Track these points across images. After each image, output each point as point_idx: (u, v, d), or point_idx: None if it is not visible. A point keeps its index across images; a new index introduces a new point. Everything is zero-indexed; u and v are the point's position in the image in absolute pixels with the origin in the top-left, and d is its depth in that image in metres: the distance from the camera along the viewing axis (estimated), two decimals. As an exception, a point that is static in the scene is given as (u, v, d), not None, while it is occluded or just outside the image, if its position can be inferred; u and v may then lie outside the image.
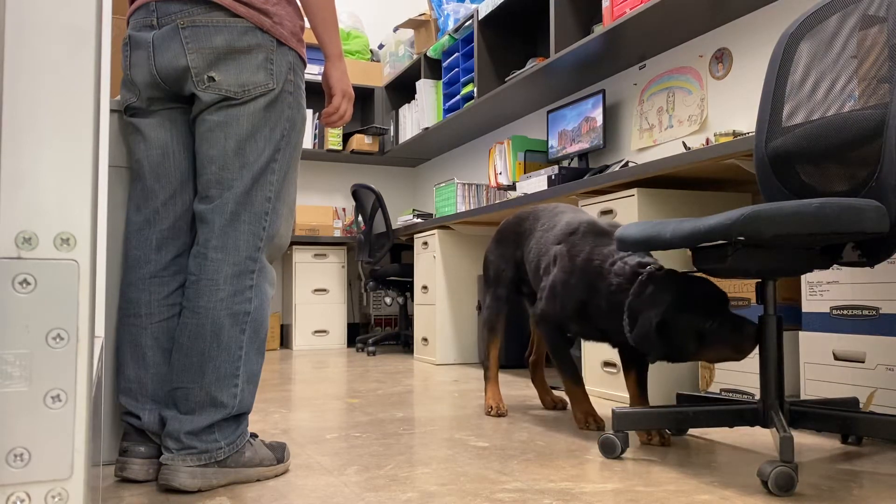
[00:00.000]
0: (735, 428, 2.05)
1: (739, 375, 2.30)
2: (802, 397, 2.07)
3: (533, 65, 3.71)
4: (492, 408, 2.36)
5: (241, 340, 1.54)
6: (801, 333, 2.09)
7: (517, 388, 3.00)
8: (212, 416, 1.51)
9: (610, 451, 1.75)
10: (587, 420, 2.11)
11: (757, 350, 2.09)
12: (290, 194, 1.65)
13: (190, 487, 1.47)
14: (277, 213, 1.61)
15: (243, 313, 1.54)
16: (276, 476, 1.60)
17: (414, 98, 5.24)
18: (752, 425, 1.72)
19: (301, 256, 5.13)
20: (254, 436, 1.63)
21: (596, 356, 2.71)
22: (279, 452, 1.63)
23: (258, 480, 1.57)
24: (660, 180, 2.53)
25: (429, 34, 5.02)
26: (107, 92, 1.45)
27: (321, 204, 5.69)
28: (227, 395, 1.52)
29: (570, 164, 3.75)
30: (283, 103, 1.59)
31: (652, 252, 2.36)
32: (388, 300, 4.95)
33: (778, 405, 1.65)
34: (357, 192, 4.73)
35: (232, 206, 1.55)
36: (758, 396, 2.14)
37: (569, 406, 2.52)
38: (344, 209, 5.69)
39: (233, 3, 1.53)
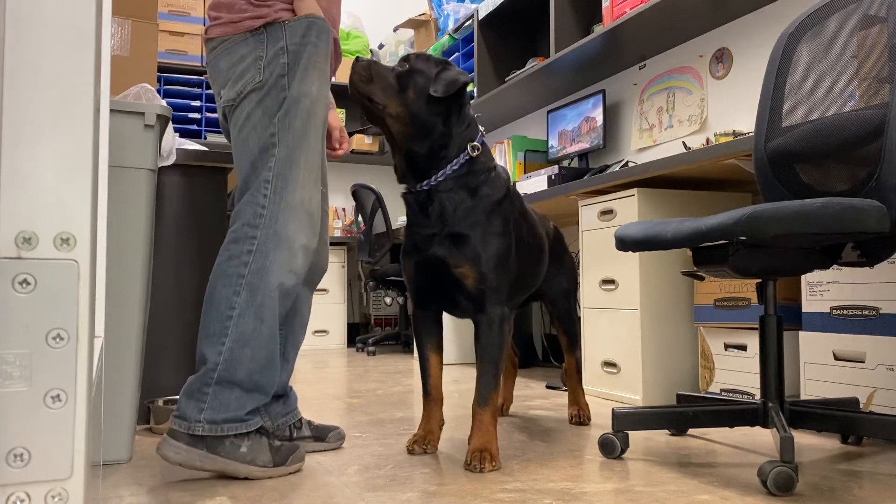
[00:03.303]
0: (735, 428, 2.05)
1: (739, 375, 2.30)
2: (802, 397, 2.07)
3: (533, 65, 3.71)
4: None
5: (233, 301, 1.56)
6: (801, 333, 2.09)
7: (517, 388, 3.00)
8: (202, 377, 1.54)
9: (610, 451, 1.75)
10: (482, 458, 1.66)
11: (758, 350, 2.09)
12: (310, 163, 1.64)
13: (171, 461, 1.52)
14: (288, 179, 1.61)
15: (237, 275, 1.57)
16: (269, 478, 1.58)
17: (414, 98, 5.23)
18: (752, 425, 1.72)
19: (301, 256, 5.12)
20: (266, 434, 1.63)
21: (596, 356, 2.72)
22: (282, 456, 1.61)
23: (246, 478, 1.56)
24: (660, 180, 2.53)
25: (429, 34, 5.02)
26: (107, 92, 1.45)
27: (321, 204, 5.69)
28: (211, 352, 1.55)
29: (570, 164, 3.75)
30: (277, 87, 1.61)
31: (652, 251, 2.37)
32: (388, 300, 4.95)
33: (778, 405, 1.65)
34: (357, 192, 4.73)
35: (239, 191, 1.64)
36: (758, 396, 2.14)
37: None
38: (344, 209, 5.69)
39: (223, 29, 1.66)
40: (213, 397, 1.53)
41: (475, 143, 1.77)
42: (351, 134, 5.57)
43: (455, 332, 4.04)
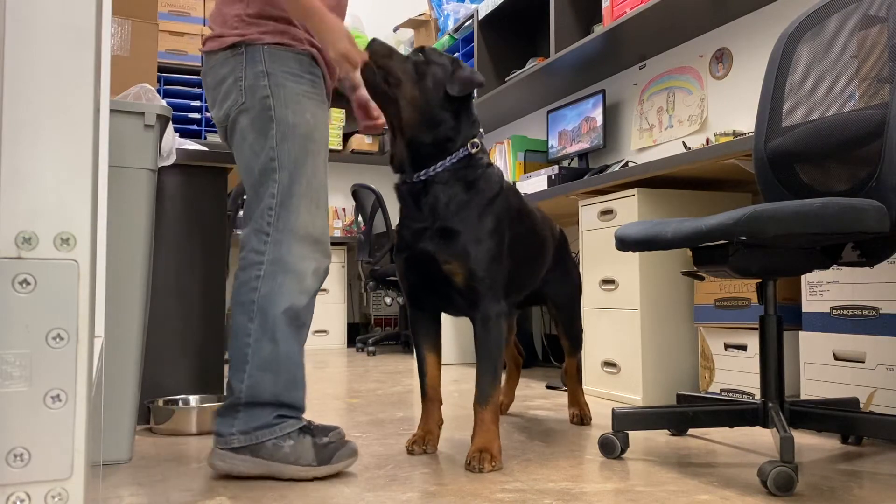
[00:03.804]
0: (735, 428, 2.05)
1: (739, 375, 2.30)
2: (802, 397, 2.07)
3: (533, 65, 3.71)
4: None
5: (248, 329, 1.58)
6: (801, 333, 2.09)
7: (517, 388, 3.00)
8: (231, 403, 1.59)
9: (610, 451, 1.75)
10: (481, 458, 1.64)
11: (758, 350, 2.08)
12: (311, 188, 1.65)
13: (218, 469, 1.57)
14: (290, 208, 1.62)
15: (249, 302, 1.59)
16: (314, 479, 1.56)
17: (414, 98, 5.22)
18: (752, 425, 1.72)
19: (301, 256, 5.11)
20: (311, 433, 1.60)
21: (596, 356, 2.71)
22: (328, 454, 1.58)
23: (290, 479, 1.56)
24: (660, 180, 2.53)
25: (429, 34, 5.02)
26: (107, 92, 1.45)
27: (321, 204, 5.68)
28: (235, 380, 1.58)
29: (570, 164, 3.75)
30: (265, 110, 1.61)
31: (652, 251, 2.37)
32: (388, 300, 4.95)
33: (778, 405, 1.65)
34: (357, 192, 4.73)
35: (246, 209, 1.67)
36: (758, 396, 2.14)
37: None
38: (344, 209, 5.69)
39: (210, 44, 1.66)
40: (245, 418, 1.57)
41: (475, 140, 1.78)
42: (351, 134, 5.57)
43: (455, 331, 4.04)
